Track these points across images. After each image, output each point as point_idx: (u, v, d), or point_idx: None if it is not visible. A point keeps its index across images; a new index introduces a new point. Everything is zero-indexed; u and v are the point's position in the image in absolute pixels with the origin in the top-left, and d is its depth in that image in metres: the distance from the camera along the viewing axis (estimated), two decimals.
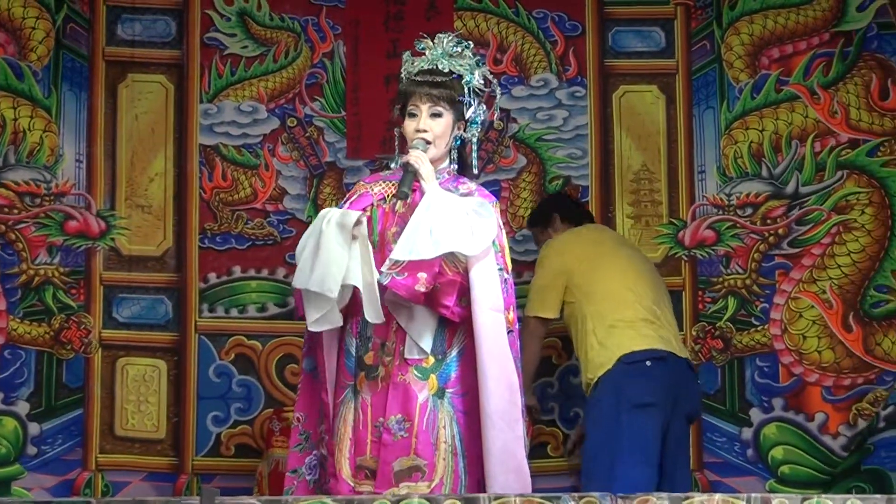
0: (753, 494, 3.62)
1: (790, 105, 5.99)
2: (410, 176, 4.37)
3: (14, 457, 5.70)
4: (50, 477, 5.69)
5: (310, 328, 4.36)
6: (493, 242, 4.39)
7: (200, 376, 5.83)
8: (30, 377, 5.74)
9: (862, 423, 5.85)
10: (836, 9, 5.98)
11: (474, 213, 4.37)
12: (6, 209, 5.77)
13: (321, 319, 4.31)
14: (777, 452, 5.87)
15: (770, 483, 5.85)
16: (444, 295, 4.30)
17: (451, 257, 4.29)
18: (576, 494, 3.69)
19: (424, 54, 4.53)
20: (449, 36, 4.55)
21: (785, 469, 5.86)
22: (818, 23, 6.00)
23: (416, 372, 4.34)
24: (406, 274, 4.25)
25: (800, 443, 5.87)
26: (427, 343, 4.34)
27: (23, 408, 5.72)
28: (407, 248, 4.25)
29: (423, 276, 4.25)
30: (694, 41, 6.05)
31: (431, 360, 4.35)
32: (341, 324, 4.35)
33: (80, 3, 5.89)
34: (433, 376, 4.35)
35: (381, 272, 4.28)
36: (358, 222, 4.31)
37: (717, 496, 3.64)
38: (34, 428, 5.71)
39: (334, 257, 4.26)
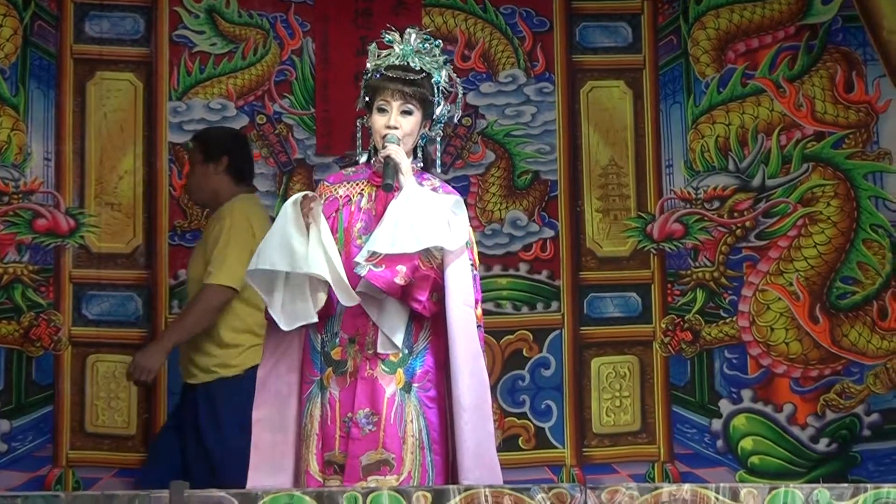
0: (722, 484, 3.63)
1: (756, 99, 6.04)
2: (391, 169, 4.34)
3: None
4: (20, 473, 5.68)
5: (284, 327, 4.36)
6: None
7: (171, 373, 5.78)
8: None
9: (830, 415, 5.91)
10: (802, 2, 6.03)
11: (450, 210, 4.41)
12: None
13: (294, 314, 4.33)
14: (746, 443, 5.93)
15: (740, 474, 5.91)
16: (418, 289, 4.30)
17: (426, 252, 4.30)
18: (545, 486, 3.72)
19: (392, 47, 4.55)
20: (417, 31, 4.57)
21: (755, 460, 5.93)
22: (784, 16, 6.04)
23: (383, 366, 4.34)
24: (384, 266, 4.24)
25: (769, 433, 5.93)
26: (399, 338, 4.34)
27: None
28: (388, 240, 4.24)
29: (402, 269, 4.25)
30: (661, 36, 6.09)
31: (399, 354, 4.36)
32: (316, 320, 4.35)
33: (48, 0, 5.86)
34: (400, 370, 4.35)
35: (356, 263, 4.28)
36: (310, 199, 4.30)
37: (686, 486, 3.65)
38: (4, 425, 5.70)
39: (291, 236, 4.27)
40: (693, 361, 6.00)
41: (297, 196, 4.34)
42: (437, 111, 4.49)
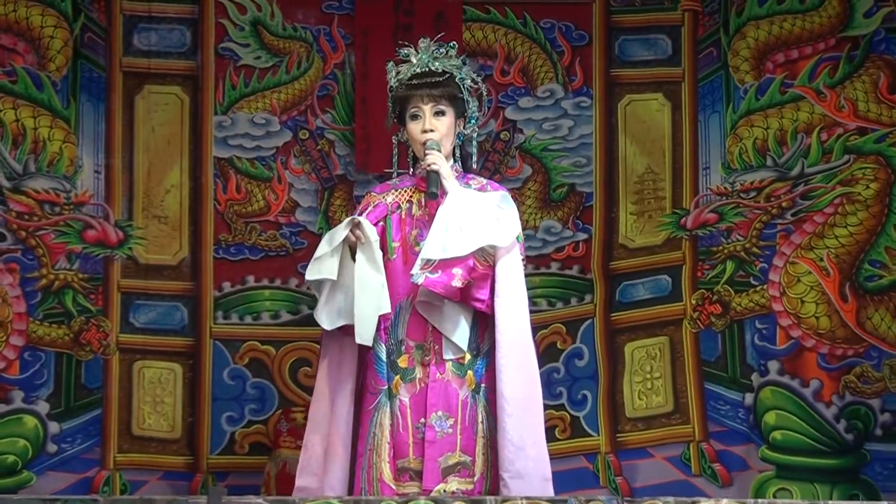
0: (760, 500, 3.87)
1: (795, 105, 6.10)
2: (434, 176, 4.61)
3: (34, 454, 5.89)
4: (69, 475, 5.91)
5: (325, 326, 4.66)
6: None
7: (215, 379, 6.04)
8: (49, 378, 5.94)
9: (849, 397, 5.94)
10: (843, 15, 6.09)
11: (497, 206, 4.65)
12: (26, 216, 5.96)
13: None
14: (770, 418, 5.96)
15: (762, 450, 5.97)
16: (477, 289, 4.56)
17: (481, 251, 4.54)
18: (581, 496, 3.96)
19: (409, 61, 4.83)
20: (429, 40, 4.89)
21: (777, 435, 5.96)
22: (824, 29, 6.11)
23: (454, 369, 4.61)
24: (440, 272, 4.50)
25: (794, 409, 5.96)
26: (463, 341, 4.58)
27: (43, 407, 5.92)
28: (439, 246, 4.49)
29: (457, 271, 4.51)
30: (701, 48, 6.18)
31: (468, 356, 4.61)
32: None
33: (97, 12, 6.04)
34: (470, 372, 4.62)
35: (412, 274, 4.54)
36: (357, 225, 4.55)
37: (724, 501, 3.90)
38: (54, 427, 5.92)
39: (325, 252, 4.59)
40: (723, 334, 6.05)
41: (353, 219, 4.58)
42: (469, 108, 4.77)
